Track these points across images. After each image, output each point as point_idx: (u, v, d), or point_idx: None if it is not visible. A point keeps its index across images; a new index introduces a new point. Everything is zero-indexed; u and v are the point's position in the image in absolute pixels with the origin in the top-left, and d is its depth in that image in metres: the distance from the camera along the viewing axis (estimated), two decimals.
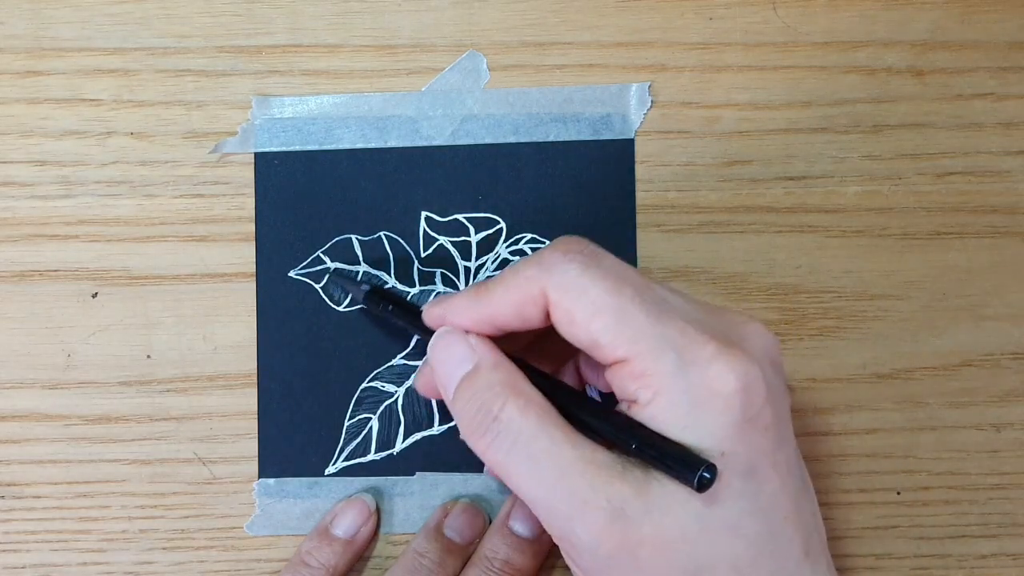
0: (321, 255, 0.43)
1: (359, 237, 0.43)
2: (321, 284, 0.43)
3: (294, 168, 0.43)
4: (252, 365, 0.43)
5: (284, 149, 0.43)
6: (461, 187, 0.43)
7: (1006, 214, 0.43)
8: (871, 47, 0.43)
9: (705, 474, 0.31)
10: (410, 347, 0.43)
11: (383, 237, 0.43)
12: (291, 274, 0.43)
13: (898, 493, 0.43)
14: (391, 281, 0.43)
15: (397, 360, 0.43)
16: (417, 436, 0.43)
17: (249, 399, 0.43)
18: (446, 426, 0.43)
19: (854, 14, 0.43)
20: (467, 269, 0.43)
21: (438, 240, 0.43)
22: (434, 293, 0.43)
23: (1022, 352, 0.43)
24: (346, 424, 0.43)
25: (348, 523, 0.42)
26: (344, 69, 0.43)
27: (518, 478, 0.33)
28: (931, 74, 0.43)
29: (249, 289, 0.43)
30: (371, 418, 0.43)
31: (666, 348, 0.32)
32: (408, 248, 0.43)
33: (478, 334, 0.35)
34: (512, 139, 0.43)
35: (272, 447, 0.43)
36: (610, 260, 0.34)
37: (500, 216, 0.43)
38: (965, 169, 0.43)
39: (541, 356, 0.38)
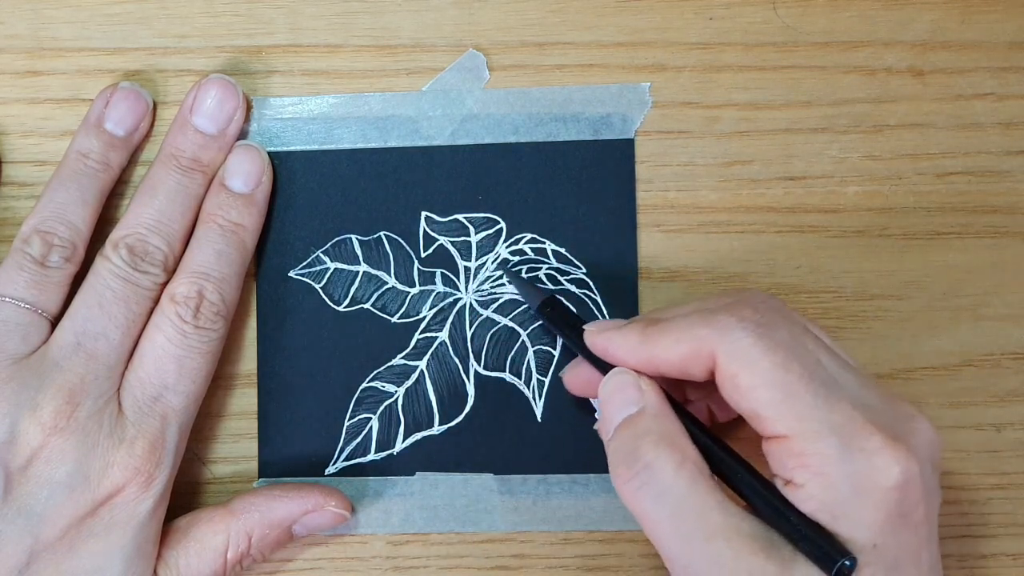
0: (321, 255, 0.43)
1: (359, 237, 0.43)
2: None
3: (294, 168, 0.43)
4: (252, 365, 0.43)
5: (284, 149, 0.43)
6: (461, 187, 0.43)
7: (1006, 214, 0.43)
8: (871, 47, 0.43)
9: (846, 562, 0.32)
10: (410, 347, 0.43)
11: (383, 237, 0.43)
12: (291, 274, 0.43)
13: None
14: (391, 281, 0.43)
15: (397, 360, 0.43)
16: (417, 436, 0.43)
17: (249, 399, 0.43)
18: (446, 426, 0.43)
19: (854, 14, 0.43)
20: (467, 269, 0.43)
21: (438, 240, 0.43)
22: (434, 293, 0.43)
23: (1022, 352, 0.43)
24: (346, 424, 0.43)
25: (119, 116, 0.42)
26: (344, 69, 0.43)
27: (659, 530, 0.33)
28: (931, 74, 0.43)
29: (249, 289, 0.43)
30: (371, 418, 0.43)
31: (830, 432, 0.32)
32: (408, 248, 0.43)
33: (648, 377, 0.36)
34: (512, 139, 0.43)
35: (272, 447, 0.43)
36: (784, 332, 0.34)
37: (500, 216, 0.43)
38: (965, 169, 0.43)
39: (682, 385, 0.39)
